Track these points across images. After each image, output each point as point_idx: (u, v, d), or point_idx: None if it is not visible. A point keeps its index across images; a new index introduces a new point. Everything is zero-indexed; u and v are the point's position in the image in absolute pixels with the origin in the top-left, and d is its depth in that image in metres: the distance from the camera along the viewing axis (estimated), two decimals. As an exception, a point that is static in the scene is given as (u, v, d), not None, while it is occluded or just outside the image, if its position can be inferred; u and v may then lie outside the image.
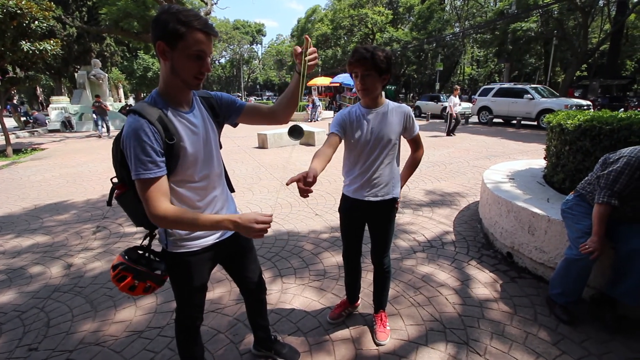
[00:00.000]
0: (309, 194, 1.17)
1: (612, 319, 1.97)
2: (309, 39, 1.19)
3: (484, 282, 2.48)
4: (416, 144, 1.80)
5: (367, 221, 1.84)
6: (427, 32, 28.21)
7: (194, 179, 1.18)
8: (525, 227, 2.56)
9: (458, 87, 10.78)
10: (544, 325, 2.02)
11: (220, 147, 1.36)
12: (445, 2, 34.07)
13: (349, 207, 1.80)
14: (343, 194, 1.83)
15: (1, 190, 5.44)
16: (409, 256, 2.90)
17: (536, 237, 2.48)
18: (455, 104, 10.13)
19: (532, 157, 6.92)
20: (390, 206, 1.77)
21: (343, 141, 1.70)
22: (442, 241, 3.18)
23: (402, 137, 1.72)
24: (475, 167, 6.19)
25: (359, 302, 2.19)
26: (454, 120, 10.46)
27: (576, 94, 21.53)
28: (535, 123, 12.44)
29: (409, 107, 1.69)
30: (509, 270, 2.64)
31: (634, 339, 1.88)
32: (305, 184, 1.17)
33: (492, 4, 28.95)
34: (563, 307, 2.07)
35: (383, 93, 1.68)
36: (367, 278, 2.47)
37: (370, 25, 30.46)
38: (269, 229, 1.08)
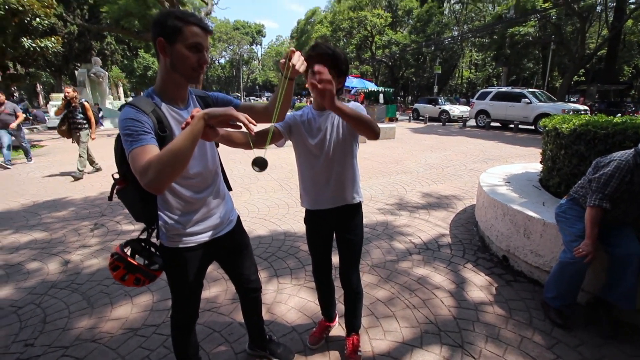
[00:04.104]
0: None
1: (607, 323, 1.99)
2: (295, 51, 1.17)
3: (479, 285, 2.49)
4: None
5: (335, 231, 1.70)
6: (426, 35, 28.37)
7: (188, 174, 1.21)
8: (520, 230, 2.58)
9: None
10: (539, 329, 2.03)
11: (217, 146, 1.38)
12: (444, 6, 34.22)
13: (313, 218, 1.69)
14: (306, 208, 1.69)
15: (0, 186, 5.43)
16: (404, 258, 2.91)
17: (532, 241, 2.50)
18: None
19: (529, 161, 6.96)
20: (357, 211, 1.66)
21: (294, 148, 1.60)
22: (438, 244, 3.19)
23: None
24: (472, 170, 6.22)
25: (336, 320, 2.04)
26: None
27: (573, 99, 21.62)
28: (533, 127, 12.52)
29: (356, 103, 1.54)
30: (505, 273, 2.66)
31: (629, 344, 1.90)
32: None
33: (490, 9, 29.11)
34: (558, 310, 2.08)
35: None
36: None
37: (369, 28, 30.56)
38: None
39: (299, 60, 1.17)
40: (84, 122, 5.94)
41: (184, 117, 1.18)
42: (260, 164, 1.13)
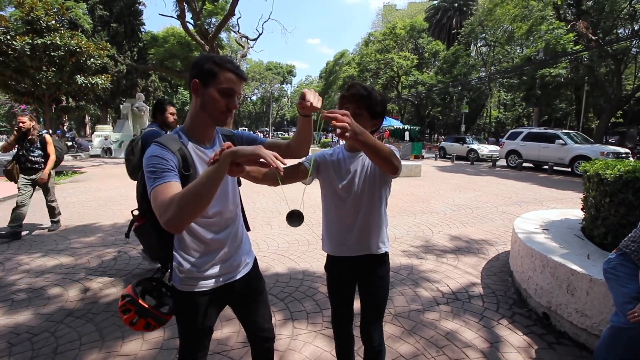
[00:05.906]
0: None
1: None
2: (305, 92, 1.17)
3: (516, 346, 2.22)
4: None
5: (357, 281, 1.59)
6: (452, 76, 28.71)
7: (207, 213, 1.17)
8: (563, 285, 2.32)
9: None
10: (590, 405, 1.74)
11: (239, 185, 1.36)
12: (471, 48, 34.87)
13: (335, 265, 1.59)
14: (328, 254, 1.61)
15: (37, 209, 5.73)
16: (431, 308, 2.68)
17: (576, 298, 2.23)
18: None
19: (568, 205, 6.52)
20: (382, 262, 1.55)
21: (321, 188, 1.54)
22: (468, 294, 2.94)
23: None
24: (505, 214, 5.89)
25: None
26: None
27: (611, 141, 20.62)
28: (569, 169, 11.92)
29: (391, 145, 1.45)
30: (546, 334, 2.37)
31: None
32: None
33: (518, 51, 29.24)
34: (612, 384, 1.79)
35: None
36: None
37: (395, 69, 31.47)
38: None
39: (313, 97, 1.16)
40: (42, 161, 4.33)
41: (209, 155, 1.18)
42: (296, 219, 1.10)
